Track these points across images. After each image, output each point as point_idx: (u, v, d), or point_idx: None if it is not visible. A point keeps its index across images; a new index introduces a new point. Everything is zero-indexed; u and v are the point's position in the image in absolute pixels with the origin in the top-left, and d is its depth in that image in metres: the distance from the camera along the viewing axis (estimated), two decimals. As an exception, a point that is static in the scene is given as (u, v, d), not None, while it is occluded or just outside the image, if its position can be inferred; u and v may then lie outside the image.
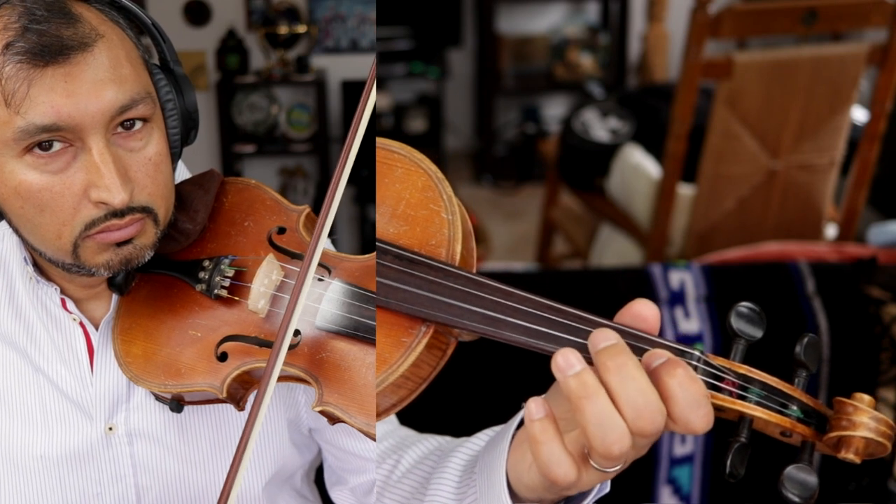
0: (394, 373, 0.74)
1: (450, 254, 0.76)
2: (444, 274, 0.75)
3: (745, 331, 0.74)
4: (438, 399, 1.45)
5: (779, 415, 0.72)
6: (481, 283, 0.74)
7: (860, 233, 2.64)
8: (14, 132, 0.82)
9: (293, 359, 0.87)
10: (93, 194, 0.85)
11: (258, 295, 0.90)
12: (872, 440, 0.71)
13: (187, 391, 0.91)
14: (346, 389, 0.84)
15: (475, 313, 0.73)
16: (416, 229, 0.78)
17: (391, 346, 0.75)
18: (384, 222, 0.78)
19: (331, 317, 0.86)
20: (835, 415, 0.73)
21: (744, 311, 0.74)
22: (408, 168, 0.80)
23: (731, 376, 0.72)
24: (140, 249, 0.89)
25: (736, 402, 0.71)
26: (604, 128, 3.10)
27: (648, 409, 0.67)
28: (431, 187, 0.79)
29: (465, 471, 0.89)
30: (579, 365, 0.68)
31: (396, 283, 0.75)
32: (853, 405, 0.72)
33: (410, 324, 0.75)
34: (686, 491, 2.03)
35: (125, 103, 0.85)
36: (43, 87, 0.81)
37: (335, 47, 4.24)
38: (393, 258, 0.76)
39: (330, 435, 1.05)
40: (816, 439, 0.73)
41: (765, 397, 0.72)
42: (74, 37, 0.82)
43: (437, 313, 0.74)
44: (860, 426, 0.71)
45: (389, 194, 0.79)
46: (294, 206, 0.96)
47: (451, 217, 0.78)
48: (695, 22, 2.37)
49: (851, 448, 0.71)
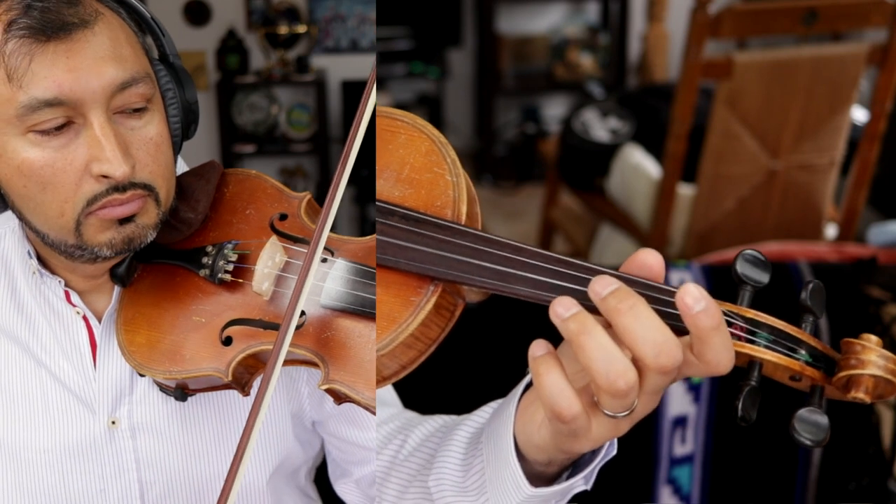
0: (403, 332, 0.74)
1: (455, 213, 0.77)
2: (452, 232, 0.75)
3: (750, 276, 0.73)
4: (442, 378, 1.46)
5: (788, 358, 0.72)
6: (489, 240, 0.74)
7: (860, 233, 2.64)
8: (17, 108, 0.83)
9: (299, 339, 0.87)
10: (94, 168, 0.86)
11: (262, 276, 0.90)
12: (881, 378, 0.71)
13: (192, 377, 0.91)
14: (352, 366, 0.85)
15: (484, 269, 0.73)
16: (420, 192, 0.78)
17: (400, 305, 0.75)
18: (388, 186, 0.78)
19: (336, 294, 0.87)
20: (843, 356, 0.73)
21: (749, 256, 0.74)
22: (410, 134, 0.80)
23: (739, 321, 0.72)
24: (142, 229, 0.90)
25: (745, 346, 0.71)
26: (604, 128, 3.10)
27: (668, 345, 0.66)
28: (435, 151, 0.79)
29: (470, 443, 0.89)
30: (576, 307, 0.68)
31: (404, 242, 0.75)
32: (861, 344, 0.72)
33: (419, 283, 0.75)
34: (686, 491, 2.03)
35: (125, 80, 0.86)
36: (45, 62, 0.83)
37: (335, 47, 4.24)
38: (399, 218, 0.76)
39: (333, 426, 1.05)
40: (826, 382, 0.73)
41: (773, 341, 0.72)
42: (76, 14, 0.84)
43: (446, 270, 0.74)
44: (869, 364, 0.71)
45: (393, 159, 0.80)
46: (295, 193, 0.97)
47: (455, 179, 0.78)
48: (695, 22, 2.37)
49: (861, 387, 0.71)
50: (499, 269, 0.74)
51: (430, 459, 0.93)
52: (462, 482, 0.87)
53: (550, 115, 5.14)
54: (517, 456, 0.78)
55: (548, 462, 0.77)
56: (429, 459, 0.94)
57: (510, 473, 0.78)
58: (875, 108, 2.55)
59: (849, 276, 2.05)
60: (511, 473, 0.78)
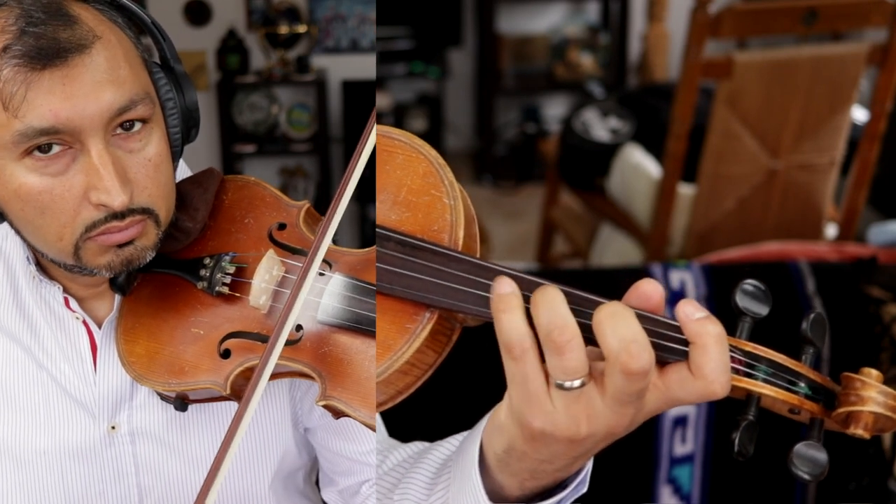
0: (399, 359, 0.74)
1: (452, 239, 0.76)
2: (448, 259, 0.74)
3: (750, 308, 0.73)
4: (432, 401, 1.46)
5: (787, 392, 0.71)
6: (485, 268, 0.74)
7: (860, 233, 2.64)
8: (13, 135, 0.82)
9: (297, 353, 0.86)
10: (93, 197, 0.85)
11: (259, 291, 0.90)
12: (881, 415, 0.71)
13: (191, 389, 0.91)
14: (349, 383, 0.84)
15: (480, 297, 0.73)
16: (417, 215, 0.77)
17: (396, 332, 0.75)
18: (386, 209, 0.78)
19: (332, 311, 0.86)
20: (843, 391, 0.72)
21: (749, 288, 0.73)
22: (408, 155, 0.79)
23: (738, 354, 0.71)
24: (141, 250, 0.89)
25: (743, 380, 0.71)
26: (604, 127, 3.10)
27: (636, 345, 0.65)
28: (432, 173, 0.78)
29: (441, 464, 0.88)
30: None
31: (400, 270, 0.75)
32: (861, 380, 0.71)
33: (415, 310, 0.75)
34: (686, 491, 2.03)
35: (123, 105, 0.85)
36: (41, 90, 0.81)
37: (335, 47, 4.24)
38: (395, 245, 0.75)
39: (321, 436, 1.06)
40: (825, 416, 0.72)
41: (772, 374, 0.71)
42: (72, 39, 0.82)
43: (442, 299, 0.73)
44: (868, 401, 0.70)
45: (391, 181, 0.79)
46: (294, 201, 0.96)
47: (452, 202, 0.77)
48: (695, 22, 2.37)
49: (860, 423, 0.71)
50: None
51: (401, 480, 0.93)
52: (426, 500, 0.87)
53: (551, 114, 5.14)
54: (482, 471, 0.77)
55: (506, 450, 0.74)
56: (400, 479, 0.94)
57: (471, 487, 0.77)
58: (875, 108, 2.55)
59: (849, 275, 2.05)
60: (471, 487, 0.77)
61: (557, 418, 0.69)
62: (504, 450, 0.74)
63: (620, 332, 0.66)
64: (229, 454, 0.80)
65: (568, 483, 0.78)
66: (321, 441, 1.06)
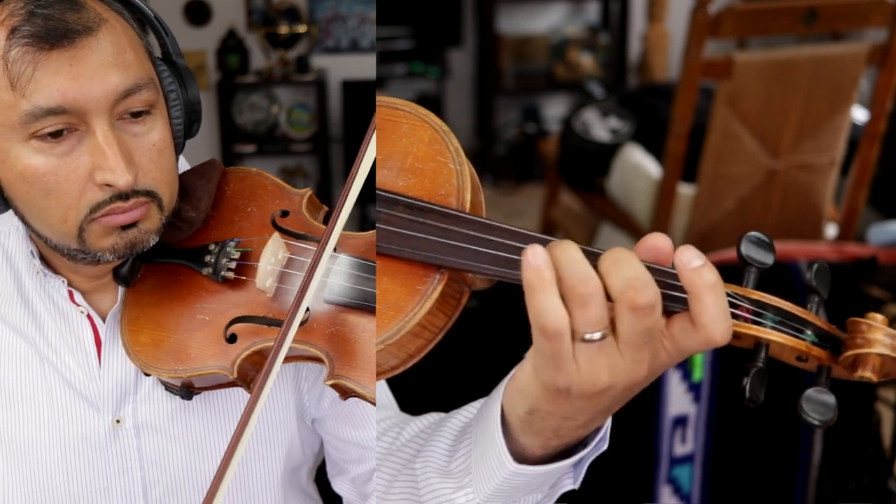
0: (410, 320, 0.74)
1: (460, 202, 0.77)
2: (456, 220, 0.75)
3: (755, 257, 0.74)
4: (440, 379, 1.46)
5: (795, 339, 0.72)
6: (493, 227, 0.74)
7: (860, 233, 2.64)
8: (20, 115, 0.83)
9: (304, 335, 0.87)
10: (97, 176, 0.86)
11: (265, 273, 0.90)
12: (888, 357, 0.71)
13: (198, 375, 0.91)
14: (357, 361, 0.85)
15: (489, 256, 0.73)
16: (424, 181, 0.78)
17: (407, 294, 0.75)
18: (392, 176, 0.79)
19: (339, 290, 0.87)
20: (849, 335, 0.73)
21: (753, 238, 0.74)
22: (413, 123, 0.80)
23: (745, 303, 0.72)
24: (145, 234, 0.90)
25: (752, 328, 0.71)
26: (604, 127, 3.10)
27: (640, 281, 0.67)
28: (438, 140, 0.79)
29: (461, 430, 0.88)
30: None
31: (409, 232, 0.75)
32: (867, 323, 0.72)
33: (425, 272, 0.75)
34: (686, 491, 2.03)
35: (129, 87, 0.86)
36: (48, 70, 0.82)
37: (335, 47, 4.24)
38: (403, 208, 0.76)
39: (331, 425, 1.06)
40: (832, 362, 0.73)
41: (780, 322, 0.72)
42: (80, 21, 0.84)
43: (452, 259, 0.74)
44: (875, 343, 0.71)
45: (396, 149, 0.80)
46: (296, 189, 0.97)
47: (458, 167, 0.78)
48: (695, 22, 2.37)
49: (868, 366, 0.71)
50: (504, 255, 0.74)
51: (421, 449, 0.94)
52: (447, 465, 0.86)
53: (551, 114, 5.14)
54: (504, 434, 0.77)
55: (529, 411, 0.75)
56: (419, 450, 0.94)
57: (494, 451, 0.78)
58: (875, 108, 2.55)
59: (849, 275, 2.05)
60: (496, 450, 0.78)
61: (582, 373, 0.70)
62: (527, 411, 0.75)
63: (624, 273, 0.67)
64: (244, 439, 0.81)
65: (588, 441, 0.79)
66: (331, 430, 1.06)
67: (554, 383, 0.71)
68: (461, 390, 1.64)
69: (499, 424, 0.77)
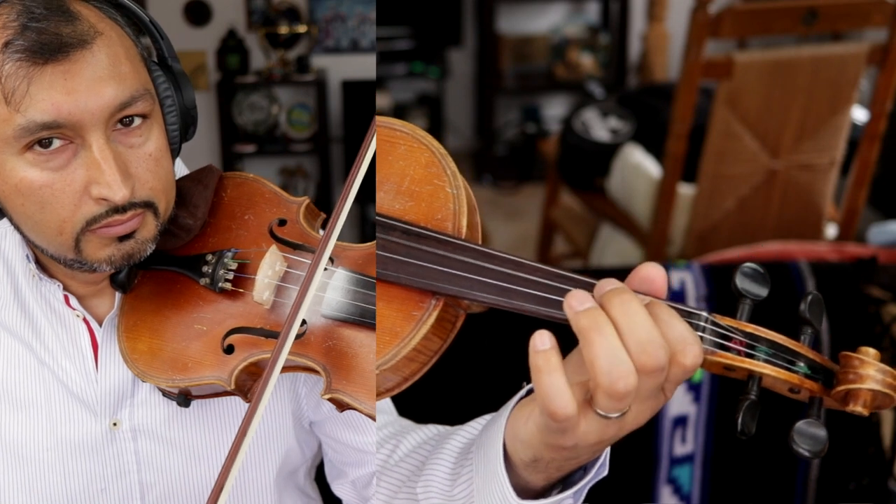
0: (406, 346, 0.75)
1: (456, 227, 0.77)
2: (453, 247, 0.75)
3: (750, 290, 0.74)
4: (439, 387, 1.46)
5: (787, 371, 0.72)
6: (489, 255, 0.75)
7: (860, 233, 2.64)
8: (14, 130, 0.82)
9: (301, 348, 0.87)
10: (94, 191, 0.85)
11: (263, 286, 0.90)
12: (879, 392, 0.71)
13: (195, 385, 0.91)
14: (354, 376, 0.85)
15: (485, 284, 0.74)
16: (421, 205, 0.78)
17: (402, 319, 0.75)
18: (389, 199, 0.79)
19: (336, 305, 0.87)
20: (841, 369, 0.73)
21: (748, 270, 0.75)
22: (410, 145, 0.80)
23: (738, 335, 0.73)
24: (142, 244, 0.90)
25: (745, 361, 0.72)
26: (604, 127, 3.10)
27: (652, 345, 0.67)
28: (435, 163, 0.79)
29: (461, 452, 0.89)
30: (590, 302, 0.69)
31: (405, 258, 0.76)
32: (859, 359, 0.72)
33: (420, 297, 0.76)
34: (686, 491, 2.03)
35: (125, 100, 0.85)
36: (43, 84, 0.82)
37: (335, 47, 4.24)
38: (400, 234, 0.76)
39: (329, 428, 1.06)
40: (824, 394, 0.73)
41: (772, 355, 0.73)
42: (73, 34, 0.83)
43: (447, 286, 0.75)
44: (867, 378, 0.71)
45: (393, 171, 0.80)
46: (293, 197, 0.97)
47: (455, 191, 0.78)
48: (695, 22, 2.37)
49: (859, 401, 0.72)
50: (499, 284, 0.74)
51: (421, 466, 0.93)
52: (450, 490, 0.87)
53: (551, 114, 5.14)
54: (506, 465, 0.78)
55: (533, 460, 0.76)
56: (419, 466, 0.94)
57: (497, 486, 0.78)
58: (875, 108, 2.55)
59: (849, 275, 2.05)
60: (499, 486, 0.78)
61: (590, 435, 0.71)
62: (531, 459, 0.76)
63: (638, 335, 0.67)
64: (243, 448, 0.81)
65: (589, 468, 0.80)
66: (330, 433, 1.06)
67: (559, 444, 0.72)
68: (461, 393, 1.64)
69: (501, 462, 0.78)
